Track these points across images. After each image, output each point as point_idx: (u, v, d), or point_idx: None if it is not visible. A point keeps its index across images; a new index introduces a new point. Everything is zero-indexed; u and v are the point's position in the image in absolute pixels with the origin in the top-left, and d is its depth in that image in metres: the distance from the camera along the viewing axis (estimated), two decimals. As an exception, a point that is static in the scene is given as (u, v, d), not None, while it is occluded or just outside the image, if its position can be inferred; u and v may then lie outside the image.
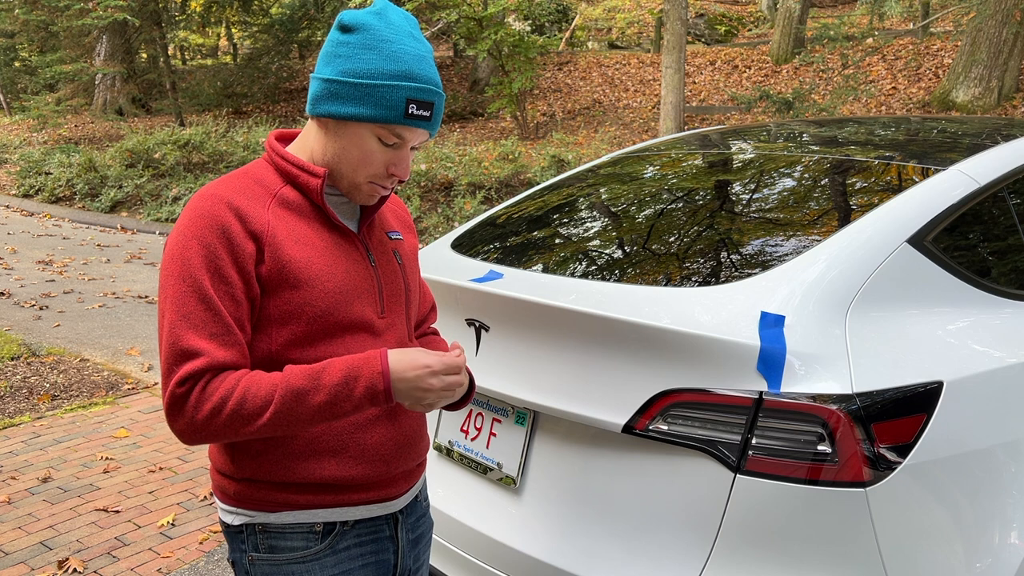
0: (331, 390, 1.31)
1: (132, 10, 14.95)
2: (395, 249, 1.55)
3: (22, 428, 4.31)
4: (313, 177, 1.40)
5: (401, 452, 1.49)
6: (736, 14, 18.75)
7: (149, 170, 11.48)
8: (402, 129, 1.36)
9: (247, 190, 1.38)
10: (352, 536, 1.47)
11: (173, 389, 1.29)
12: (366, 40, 1.34)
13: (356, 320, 1.42)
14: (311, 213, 1.42)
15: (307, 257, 1.37)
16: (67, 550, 3.13)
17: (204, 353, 1.29)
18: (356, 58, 1.34)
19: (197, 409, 1.28)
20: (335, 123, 1.37)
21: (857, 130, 2.70)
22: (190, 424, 1.29)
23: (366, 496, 1.46)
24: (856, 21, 12.36)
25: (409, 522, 1.58)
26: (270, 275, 1.34)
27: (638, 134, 12.41)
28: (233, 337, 1.32)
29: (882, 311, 1.68)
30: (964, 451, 1.64)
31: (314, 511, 1.43)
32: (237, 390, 1.29)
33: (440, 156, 10.23)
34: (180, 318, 1.29)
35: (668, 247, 2.02)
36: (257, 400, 1.29)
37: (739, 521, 1.57)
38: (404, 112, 1.34)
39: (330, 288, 1.38)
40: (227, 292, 1.31)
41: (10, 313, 6.52)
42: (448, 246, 2.45)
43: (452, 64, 18.31)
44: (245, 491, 1.43)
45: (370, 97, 1.33)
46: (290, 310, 1.36)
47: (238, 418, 1.28)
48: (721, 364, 1.59)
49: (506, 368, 1.92)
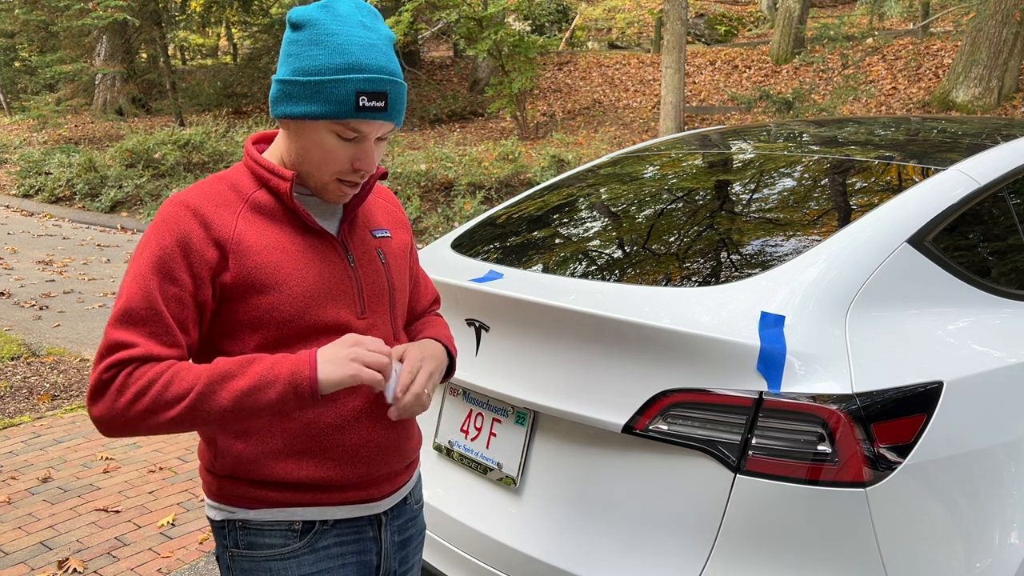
0: (255, 375, 1.28)
1: (132, 10, 14.95)
2: (379, 248, 1.52)
3: (22, 428, 4.31)
4: (282, 180, 1.38)
5: (383, 454, 1.47)
6: (736, 14, 18.75)
7: (149, 170, 11.48)
8: (356, 123, 1.33)
9: (218, 196, 1.38)
10: (332, 535, 1.46)
11: (99, 374, 1.28)
12: (312, 36, 1.32)
13: (331, 323, 1.40)
14: (284, 217, 1.40)
15: (275, 261, 1.36)
16: (67, 550, 3.13)
17: (138, 345, 1.28)
18: (304, 55, 1.32)
19: (120, 394, 1.26)
20: (294, 123, 1.36)
21: (857, 130, 2.70)
22: (110, 410, 1.27)
23: (347, 496, 1.45)
24: (856, 21, 12.37)
25: (396, 524, 1.56)
26: (236, 282, 1.34)
27: (638, 134, 12.41)
28: (172, 337, 1.31)
29: (882, 311, 1.68)
30: (964, 451, 1.64)
31: (293, 509, 1.42)
32: (164, 376, 1.27)
33: (440, 156, 10.23)
34: (123, 311, 1.29)
35: (668, 247, 2.02)
36: (182, 385, 1.26)
37: (739, 521, 1.57)
38: (355, 105, 1.31)
39: (299, 292, 1.36)
40: (175, 295, 1.31)
41: (10, 313, 6.52)
42: (448, 246, 2.46)
43: (452, 64, 18.30)
44: (226, 487, 1.43)
45: (319, 94, 1.31)
46: (258, 315, 1.35)
47: (160, 403, 1.26)
48: (721, 364, 1.59)
49: (506, 368, 1.92)
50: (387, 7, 14.41)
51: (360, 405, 1.43)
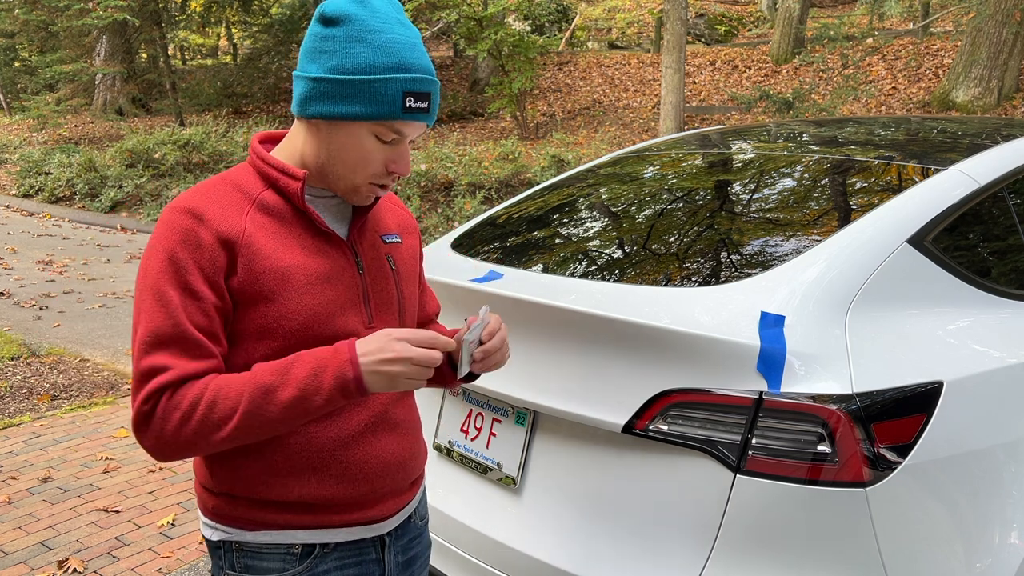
0: (300, 384, 1.22)
1: (132, 10, 14.95)
2: (389, 254, 1.45)
3: (22, 428, 4.31)
4: (293, 180, 1.32)
5: (388, 471, 1.41)
6: (736, 14, 18.75)
7: (149, 170, 11.48)
8: (400, 124, 1.28)
9: (224, 197, 1.31)
10: (333, 559, 1.39)
11: (139, 407, 1.23)
12: (352, 32, 1.25)
13: (339, 332, 1.33)
14: (293, 218, 1.34)
15: (285, 267, 1.29)
16: (67, 550, 3.13)
17: (171, 367, 1.22)
18: (344, 52, 1.24)
19: (165, 421, 1.21)
20: (327, 124, 1.29)
21: (857, 130, 2.70)
22: (159, 438, 1.22)
23: (349, 517, 1.39)
24: (856, 21, 12.37)
25: (400, 544, 1.50)
26: (243, 287, 1.27)
27: (638, 134, 12.41)
28: (203, 350, 1.25)
29: (882, 311, 1.68)
30: (964, 451, 1.64)
31: (293, 532, 1.36)
32: (206, 395, 1.21)
33: (440, 156, 10.23)
34: (148, 334, 1.23)
35: (668, 247, 2.02)
36: (227, 403, 1.21)
37: (739, 521, 1.57)
38: (402, 106, 1.25)
39: (308, 301, 1.30)
40: (198, 307, 1.24)
41: (10, 313, 6.52)
42: (448, 246, 2.46)
43: (452, 64, 18.30)
44: (223, 506, 1.37)
45: (364, 94, 1.24)
46: (265, 324, 1.29)
47: (208, 424, 1.21)
48: (721, 364, 1.59)
49: (506, 368, 1.92)
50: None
51: (364, 419, 1.38)
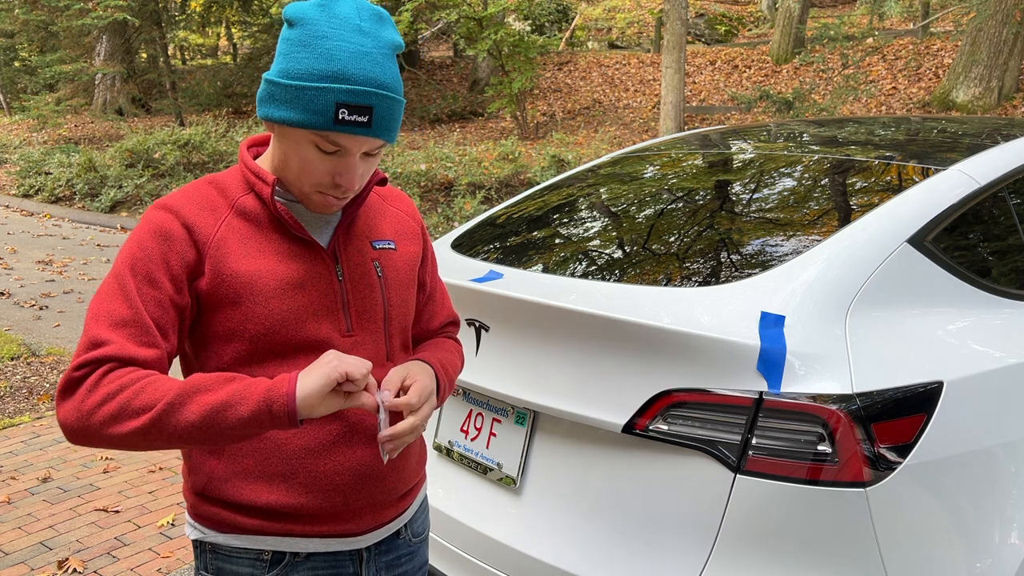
0: (229, 391, 1.18)
1: (132, 10, 14.96)
2: (377, 260, 1.40)
3: (22, 428, 4.31)
4: (264, 184, 1.30)
5: (362, 484, 1.35)
6: (736, 14, 18.76)
7: (149, 170, 11.48)
8: (337, 136, 1.22)
9: (203, 199, 1.30)
10: (305, 569, 1.35)
11: (70, 373, 1.18)
12: (303, 36, 1.22)
13: (310, 339, 1.30)
14: (269, 224, 1.31)
15: (253, 271, 1.27)
16: (67, 550, 3.13)
17: (113, 342, 1.19)
18: (290, 56, 1.22)
19: (90, 393, 1.16)
20: (277, 127, 1.26)
21: (857, 130, 2.70)
22: (77, 410, 1.16)
23: (320, 528, 1.35)
24: (856, 21, 12.37)
25: (384, 560, 1.44)
26: (210, 289, 1.26)
27: (638, 134, 12.41)
28: (151, 338, 1.22)
29: (882, 311, 1.68)
30: (964, 451, 1.64)
31: (263, 537, 1.33)
32: (137, 384, 1.17)
33: (440, 156, 10.24)
34: (103, 312, 1.22)
35: (668, 247, 2.02)
36: (152, 395, 1.16)
37: (739, 521, 1.57)
38: (334, 118, 1.20)
39: (276, 306, 1.28)
40: (153, 296, 1.23)
41: (10, 313, 6.52)
42: (448, 246, 2.46)
43: (452, 64, 18.31)
44: (198, 505, 1.36)
45: (299, 101, 1.20)
46: (232, 327, 1.27)
47: (127, 411, 1.15)
48: (721, 364, 1.59)
49: (506, 368, 1.92)
50: (387, 7, 14.40)
51: (337, 428, 1.33)
